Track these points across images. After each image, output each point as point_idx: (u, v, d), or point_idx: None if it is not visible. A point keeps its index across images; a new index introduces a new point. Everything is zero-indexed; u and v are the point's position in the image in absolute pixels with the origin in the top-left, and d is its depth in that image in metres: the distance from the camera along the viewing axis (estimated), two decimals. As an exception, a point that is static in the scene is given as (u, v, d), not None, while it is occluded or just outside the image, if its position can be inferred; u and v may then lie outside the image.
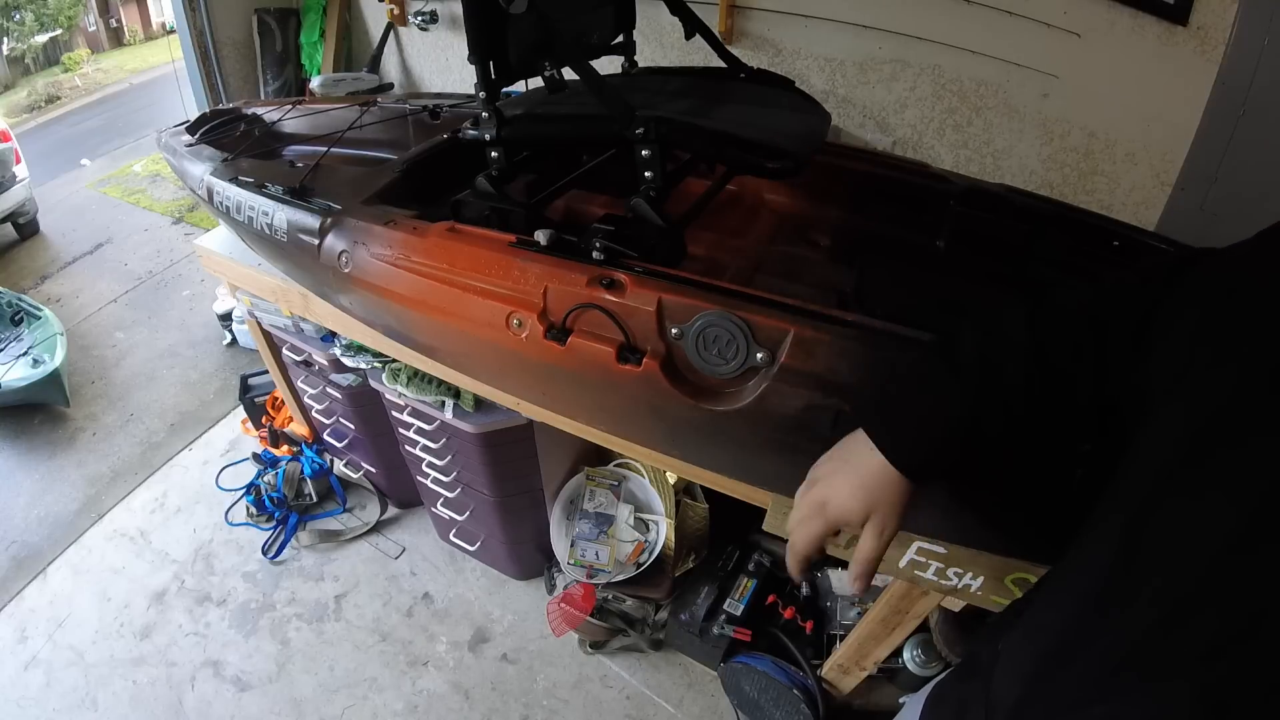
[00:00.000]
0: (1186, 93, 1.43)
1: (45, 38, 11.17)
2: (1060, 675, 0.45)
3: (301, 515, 2.13)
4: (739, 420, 0.86)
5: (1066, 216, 1.15)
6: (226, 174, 1.43)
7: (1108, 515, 0.47)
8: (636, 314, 0.89)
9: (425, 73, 2.65)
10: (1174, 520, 0.40)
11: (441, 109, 1.70)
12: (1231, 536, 0.36)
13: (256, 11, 2.73)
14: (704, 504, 1.70)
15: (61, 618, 1.94)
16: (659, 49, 2.03)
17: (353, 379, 1.77)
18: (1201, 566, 0.37)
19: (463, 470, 1.69)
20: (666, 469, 1.60)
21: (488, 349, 1.07)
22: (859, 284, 1.17)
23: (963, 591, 0.99)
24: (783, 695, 1.47)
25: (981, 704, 0.52)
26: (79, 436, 2.60)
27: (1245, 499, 0.36)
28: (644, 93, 1.13)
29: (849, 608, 1.52)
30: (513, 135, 1.02)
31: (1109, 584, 0.43)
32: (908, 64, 1.75)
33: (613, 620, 1.71)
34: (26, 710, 1.73)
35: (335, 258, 1.19)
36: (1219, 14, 1.35)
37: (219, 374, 2.86)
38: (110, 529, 2.20)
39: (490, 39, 0.94)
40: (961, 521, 0.91)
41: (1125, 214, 1.59)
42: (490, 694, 1.72)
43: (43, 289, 3.69)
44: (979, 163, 1.79)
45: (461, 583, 1.97)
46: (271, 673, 1.78)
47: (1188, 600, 0.37)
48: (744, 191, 1.44)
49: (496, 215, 1.07)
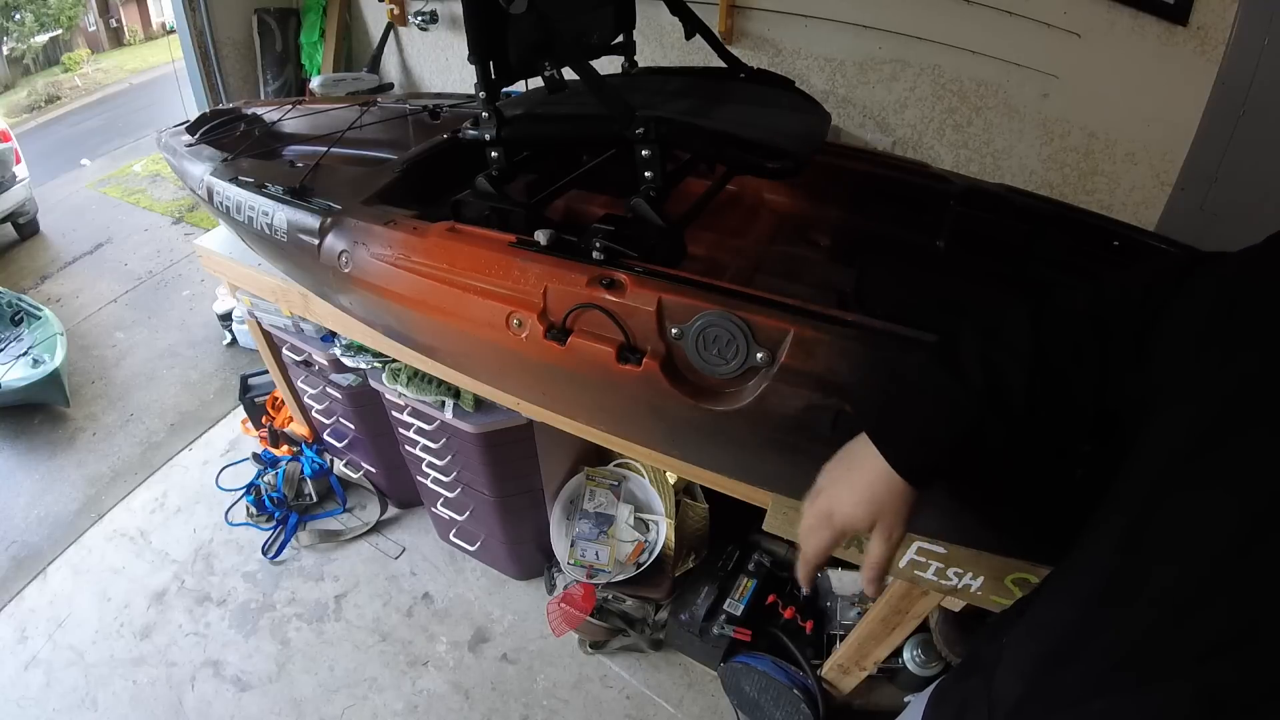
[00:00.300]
0: (1186, 93, 1.43)
1: (45, 38, 11.17)
2: (1061, 673, 0.45)
3: (301, 515, 2.13)
4: (739, 420, 0.86)
5: (1066, 216, 1.16)
6: (226, 174, 1.43)
7: (1109, 516, 0.47)
8: (636, 314, 0.89)
9: (425, 73, 2.65)
10: (1175, 520, 0.40)
11: (441, 109, 1.70)
12: (1235, 536, 0.36)
13: (256, 11, 2.73)
14: (704, 504, 1.70)
15: (61, 618, 1.94)
16: (659, 49, 2.03)
17: (353, 379, 1.77)
18: (1204, 566, 0.37)
19: (463, 470, 1.69)
20: (666, 469, 1.60)
21: (488, 349, 1.07)
22: (859, 284, 1.17)
23: (963, 591, 0.99)
24: (783, 695, 1.47)
25: (984, 701, 0.53)
26: (79, 436, 2.60)
27: (1249, 497, 0.36)
28: (644, 93, 1.13)
29: (849, 608, 1.52)
30: (513, 135, 1.02)
31: (1110, 584, 0.44)
32: (908, 64, 1.75)
33: (613, 620, 1.71)
34: (26, 710, 1.73)
35: (335, 258, 1.19)
36: (1219, 14, 1.35)
37: (219, 374, 2.86)
38: (110, 529, 2.20)
39: (490, 39, 0.94)
40: (961, 521, 0.91)
41: (1125, 214, 1.59)
42: (490, 694, 1.72)
43: (43, 289, 3.69)
44: (979, 163, 1.79)
45: (461, 583, 1.97)
46: (271, 673, 1.78)
47: (1188, 600, 0.38)
48: (744, 191, 1.44)
49: (496, 215, 1.07)
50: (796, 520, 1.04)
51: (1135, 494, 0.45)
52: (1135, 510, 0.44)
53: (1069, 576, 0.52)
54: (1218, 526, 0.37)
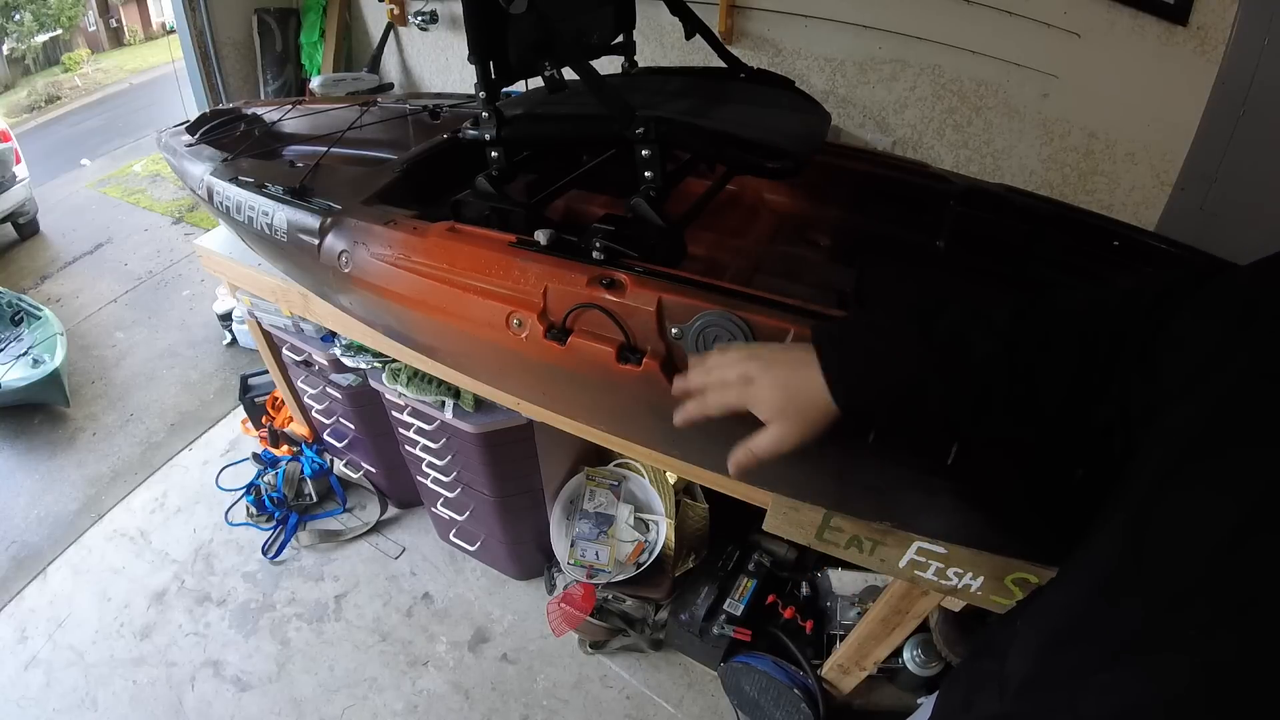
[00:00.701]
0: (1186, 93, 1.43)
1: (45, 38, 11.18)
2: (1067, 653, 0.47)
3: (301, 515, 2.13)
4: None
5: (1066, 216, 1.15)
6: (226, 174, 1.43)
7: (1112, 514, 0.48)
8: (636, 314, 0.89)
9: (425, 73, 2.65)
10: (1173, 516, 0.42)
11: (441, 109, 1.70)
12: (1230, 533, 0.38)
13: (256, 11, 2.73)
14: (704, 504, 1.70)
15: (61, 618, 1.94)
16: (659, 49, 2.04)
17: (353, 379, 1.77)
18: (1199, 563, 0.39)
19: (463, 470, 1.69)
20: (666, 469, 1.60)
21: (488, 349, 1.07)
22: (859, 284, 1.17)
23: (963, 591, 0.99)
24: (783, 695, 1.47)
25: (995, 680, 0.53)
26: (79, 436, 2.60)
27: (1246, 495, 0.37)
28: (644, 93, 1.13)
29: (849, 608, 1.52)
30: (513, 135, 1.02)
31: (1112, 578, 0.45)
32: (908, 64, 1.75)
33: (613, 620, 1.71)
34: (26, 710, 1.73)
35: (335, 258, 1.18)
36: (1219, 14, 1.35)
37: (219, 374, 2.86)
38: (110, 529, 2.20)
39: (490, 39, 0.94)
40: (961, 521, 0.91)
41: (1125, 214, 1.59)
42: (490, 694, 1.72)
43: (43, 289, 3.69)
44: (979, 163, 1.79)
45: (461, 583, 1.97)
46: (271, 673, 1.78)
47: (1187, 589, 0.39)
48: (744, 191, 1.44)
49: (496, 215, 1.07)
50: (797, 520, 1.05)
51: (1137, 490, 0.46)
52: (1135, 506, 0.45)
53: (1073, 571, 0.53)
54: (1216, 522, 0.39)
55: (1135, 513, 0.45)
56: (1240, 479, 0.38)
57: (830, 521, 1.02)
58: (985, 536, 0.91)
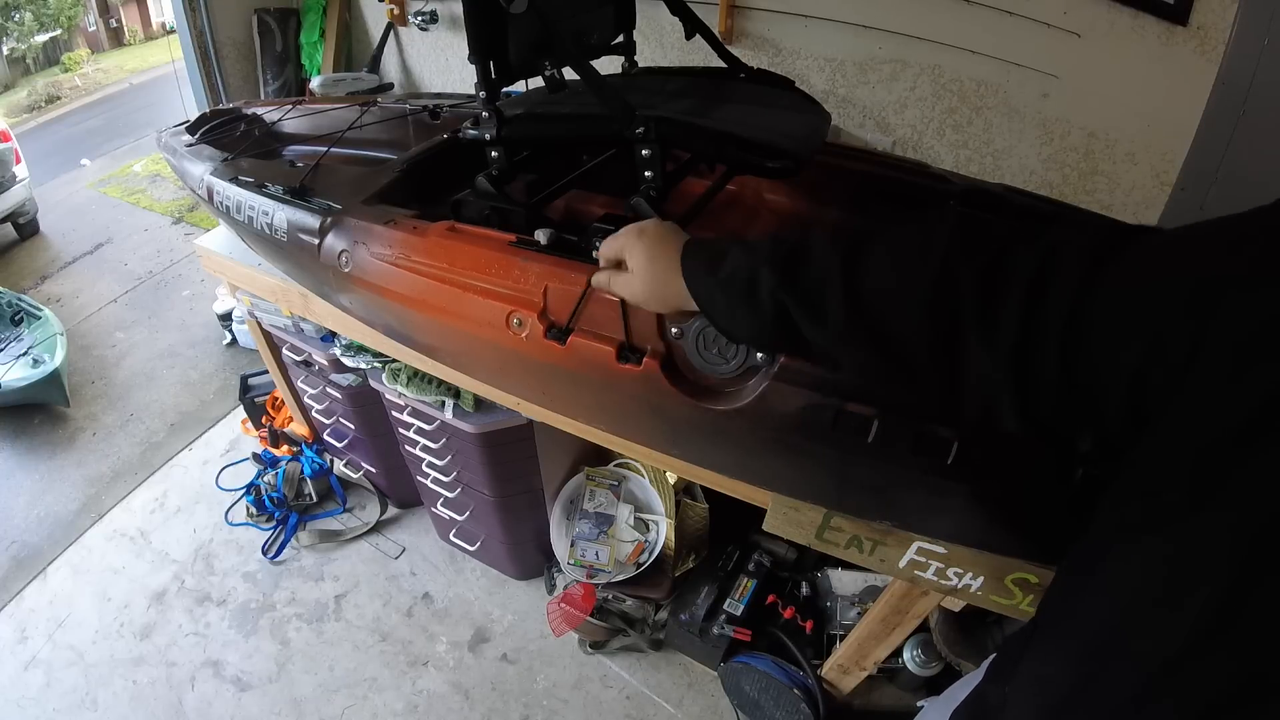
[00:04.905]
0: (1186, 93, 1.43)
1: (45, 38, 11.19)
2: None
3: (301, 515, 2.13)
4: (739, 420, 0.86)
5: (1066, 216, 1.15)
6: (226, 174, 1.43)
7: (1094, 565, 0.45)
8: (636, 313, 0.89)
9: (425, 73, 2.65)
10: (1164, 575, 0.39)
11: (441, 109, 1.70)
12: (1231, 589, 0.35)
13: (256, 11, 2.73)
14: (704, 504, 1.70)
15: (61, 618, 1.94)
16: (659, 49, 2.04)
17: (353, 379, 1.77)
18: (1201, 618, 0.36)
19: (463, 470, 1.69)
20: (666, 469, 1.60)
21: (488, 349, 1.07)
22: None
23: (963, 591, 0.99)
24: (783, 695, 1.47)
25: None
26: (79, 436, 2.60)
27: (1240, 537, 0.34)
28: (644, 93, 1.13)
29: (849, 608, 1.52)
30: (513, 135, 1.02)
31: (1101, 643, 0.43)
32: (908, 64, 1.75)
33: (613, 620, 1.71)
34: (26, 710, 1.73)
35: (335, 257, 1.18)
36: (1219, 14, 1.35)
37: (219, 374, 2.86)
38: (110, 529, 2.20)
39: (490, 39, 0.94)
40: (961, 521, 0.91)
41: (1125, 214, 1.59)
42: (490, 694, 1.72)
43: (43, 289, 3.70)
44: (979, 163, 1.79)
45: (461, 583, 1.97)
46: (271, 673, 1.78)
47: (1177, 658, 0.37)
48: (744, 191, 1.44)
49: (496, 215, 1.07)
50: (797, 520, 1.05)
51: (1125, 531, 0.43)
52: (1125, 551, 0.42)
53: (1065, 625, 0.49)
54: (1209, 579, 0.36)
55: (1122, 555, 0.42)
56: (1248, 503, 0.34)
57: (830, 521, 1.02)
58: (985, 536, 0.91)
